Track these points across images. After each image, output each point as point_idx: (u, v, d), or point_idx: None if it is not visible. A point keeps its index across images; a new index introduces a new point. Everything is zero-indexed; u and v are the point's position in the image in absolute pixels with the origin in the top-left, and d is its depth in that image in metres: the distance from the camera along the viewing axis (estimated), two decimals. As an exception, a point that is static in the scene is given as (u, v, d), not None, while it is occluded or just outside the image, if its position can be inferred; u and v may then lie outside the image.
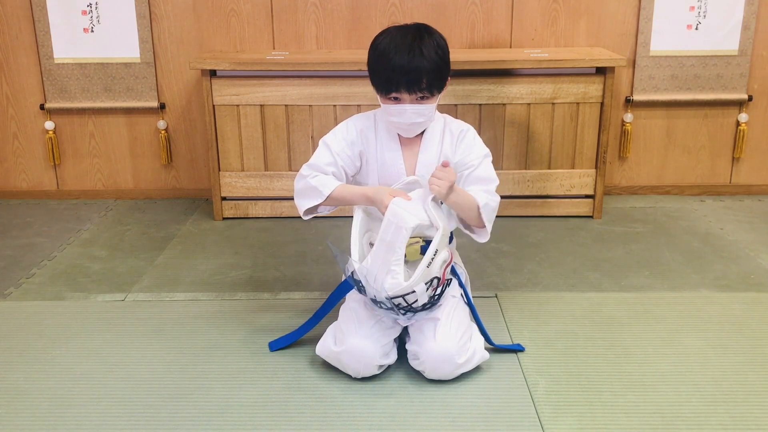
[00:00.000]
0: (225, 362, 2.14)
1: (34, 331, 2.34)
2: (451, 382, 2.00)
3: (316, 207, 2.13)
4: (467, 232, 2.16)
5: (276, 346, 2.18)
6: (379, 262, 1.90)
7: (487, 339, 2.14)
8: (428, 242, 1.98)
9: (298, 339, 2.19)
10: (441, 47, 2.04)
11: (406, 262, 1.96)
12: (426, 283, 1.90)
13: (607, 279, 2.69)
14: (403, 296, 1.89)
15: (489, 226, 2.10)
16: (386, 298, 1.89)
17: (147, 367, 2.12)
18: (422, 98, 2.04)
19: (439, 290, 1.95)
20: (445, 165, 1.95)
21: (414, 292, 1.88)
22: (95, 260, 2.92)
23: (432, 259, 1.88)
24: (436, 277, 1.92)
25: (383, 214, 1.94)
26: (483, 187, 2.09)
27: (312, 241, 3.09)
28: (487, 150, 2.16)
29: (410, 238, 1.97)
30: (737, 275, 2.70)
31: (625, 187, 3.65)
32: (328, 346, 2.04)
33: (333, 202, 2.09)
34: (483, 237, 2.13)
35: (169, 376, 2.07)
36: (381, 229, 1.91)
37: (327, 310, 2.15)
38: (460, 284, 2.14)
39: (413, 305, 1.92)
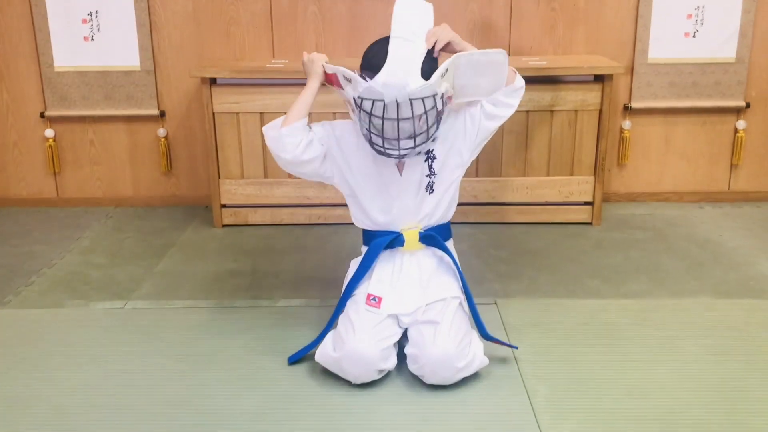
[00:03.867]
0: (225, 370, 2.14)
1: (33, 339, 2.34)
2: (451, 388, 2.00)
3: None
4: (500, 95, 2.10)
5: (294, 358, 2.15)
6: (397, 68, 1.87)
7: (484, 332, 2.12)
8: (427, 229, 2.11)
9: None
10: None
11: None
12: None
13: (606, 286, 2.69)
14: (422, 99, 1.86)
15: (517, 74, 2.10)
16: (406, 99, 1.85)
17: (146, 375, 2.12)
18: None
19: (439, 116, 1.93)
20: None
21: (434, 96, 1.87)
22: (95, 268, 2.92)
23: (443, 74, 1.89)
24: (442, 94, 1.91)
25: (322, 74, 2.05)
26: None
27: (311, 248, 3.09)
28: (468, 108, 2.13)
29: (409, 226, 2.07)
30: (737, 282, 2.70)
31: (623, 194, 3.66)
32: (327, 352, 2.05)
33: (294, 110, 2.08)
34: (514, 93, 2.12)
35: (168, 384, 2.07)
36: (392, 48, 1.90)
37: (340, 313, 2.13)
38: (463, 281, 2.14)
39: (420, 131, 1.90)
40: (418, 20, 2.00)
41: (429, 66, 1.93)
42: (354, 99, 1.94)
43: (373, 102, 1.89)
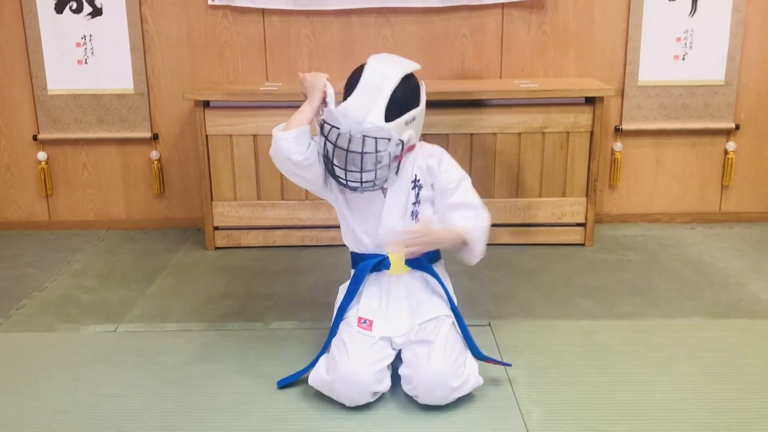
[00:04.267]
0: (217, 393, 2.12)
1: (24, 363, 2.32)
2: (445, 410, 1.99)
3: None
4: (461, 257, 2.13)
5: (284, 383, 2.13)
6: (362, 102, 1.92)
7: (477, 352, 2.11)
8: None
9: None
10: None
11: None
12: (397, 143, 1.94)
13: (599, 306, 2.69)
14: (375, 139, 1.90)
15: (478, 249, 2.07)
16: (360, 135, 1.89)
17: (138, 399, 2.10)
18: None
19: (393, 163, 1.96)
20: (417, 231, 2.02)
21: (389, 140, 1.91)
22: (86, 291, 2.91)
23: (409, 122, 1.96)
24: (402, 142, 1.94)
25: (324, 97, 2.05)
26: (465, 213, 2.08)
27: (304, 270, 3.09)
28: (463, 173, 2.13)
29: (395, 249, 2.06)
30: (729, 302, 2.71)
31: (615, 215, 3.68)
32: (320, 375, 2.04)
33: (296, 118, 2.09)
34: (471, 260, 2.11)
35: (160, 408, 2.05)
36: (364, 76, 1.95)
37: (331, 340, 2.12)
38: (451, 303, 2.14)
39: (368, 168, 1.93)
40: (399, 61, 2.04)
41: (407, 95, 1.98)
42: (320, 122, 1.99)
43: (331, 128, 1.94)
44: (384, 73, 1.96)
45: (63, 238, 3.57)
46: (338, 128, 1.92)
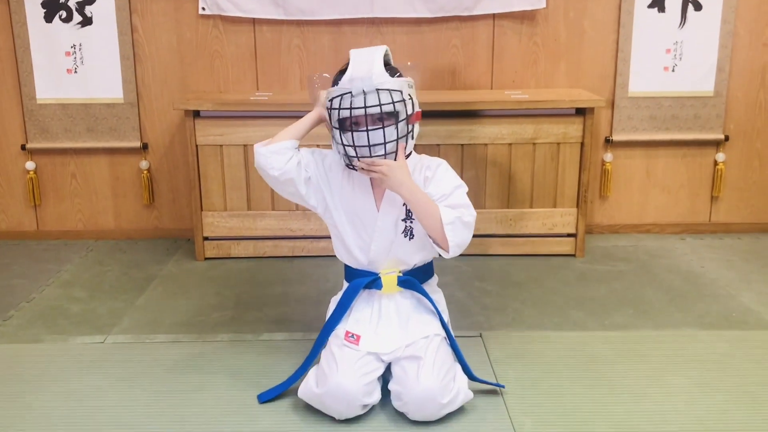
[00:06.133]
0: (206, 406, 2.10)
1: (10, 375, 2.29)
2: (435, 423, 1.98)
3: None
4: (434, 246, 2.07)
5: (265, 397, 2.12)
6: (361, 66, 1.99)
7: (469, 373, 2.11)
8: (405, 273, 2.11)
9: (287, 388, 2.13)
10: None
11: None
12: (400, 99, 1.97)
13: (590, 318, 2.69)
14: (389, 91, 1.94)
15: (452, 244, 2.01)
16: (373, 90, 1.93)
17: (127, 411, 2.08)
18: None
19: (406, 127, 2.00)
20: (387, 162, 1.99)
21: (401, 92, 1.96)
22: (75, 302, 2.88)
23: (411, 85, 2.02)
24: (411, 99, 2.00)
25: (324, 115, 2.09)
26: (450, 205, 2.04)
27: (295, 281, 3.07)
28: (460, 182, 2.11)
29: (388, 269, 2.07)
30: (719, 313, 2.71)
31: (606, 225, 3.68)
32: (310, 388, 2.02)
33: (287, 130, 2.13)
34: (444, 254, 2.06)
35: (149, 420, 2.03)
36: (352, 56, 2.03)
37: (315, 355, 2.12)
38: (442, 323, 2.13)
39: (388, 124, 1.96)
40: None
41: (393, 66, 2.06)
42: (328, 109, 2.01)
43: (342, 96, 1.96)
44: (368, 49, 2.04)
45: (51, 248, 3.54)
46: (349, 92, 1.94)
